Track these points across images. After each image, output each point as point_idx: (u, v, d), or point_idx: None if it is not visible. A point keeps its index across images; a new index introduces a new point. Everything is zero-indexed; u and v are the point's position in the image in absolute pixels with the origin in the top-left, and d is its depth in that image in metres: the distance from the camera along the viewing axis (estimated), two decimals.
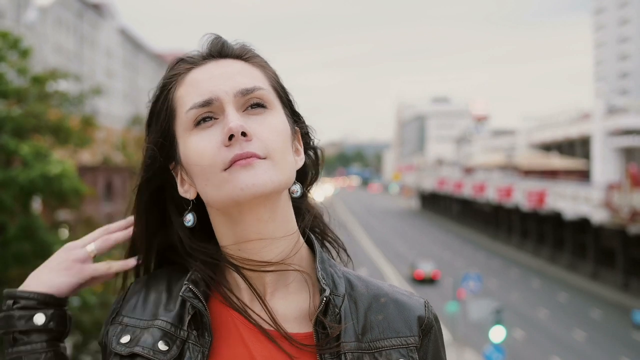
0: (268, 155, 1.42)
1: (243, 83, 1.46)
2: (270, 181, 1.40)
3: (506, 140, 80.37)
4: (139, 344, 1.46)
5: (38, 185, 13.82)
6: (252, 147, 1.41)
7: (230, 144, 1.40)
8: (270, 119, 1.46)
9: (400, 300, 1.55)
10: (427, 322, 1.53)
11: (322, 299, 1.45)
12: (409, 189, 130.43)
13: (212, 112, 1.44)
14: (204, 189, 1.45)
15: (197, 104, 1.44)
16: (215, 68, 1.49)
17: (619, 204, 39.59)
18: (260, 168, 1.40)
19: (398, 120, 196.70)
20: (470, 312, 26.97)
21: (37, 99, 16.51)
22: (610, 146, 48.46)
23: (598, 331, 35.12)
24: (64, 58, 55.44)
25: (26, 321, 1.53)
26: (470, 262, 53.90)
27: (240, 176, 1.39)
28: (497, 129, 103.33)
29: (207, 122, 1.44)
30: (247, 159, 1.39)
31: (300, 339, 1.45)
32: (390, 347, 1.48)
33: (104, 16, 67.37)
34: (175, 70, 1.52)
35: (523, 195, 53.84)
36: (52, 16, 54.63)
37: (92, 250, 1.65)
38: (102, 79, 63.03)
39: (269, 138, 1.43)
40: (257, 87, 1.47)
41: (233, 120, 1.40)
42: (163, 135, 1.51)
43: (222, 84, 1.45)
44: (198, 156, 1.43)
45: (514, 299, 41.90)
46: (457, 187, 76.37)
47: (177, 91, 1.49)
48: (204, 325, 1.45)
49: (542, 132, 66.53)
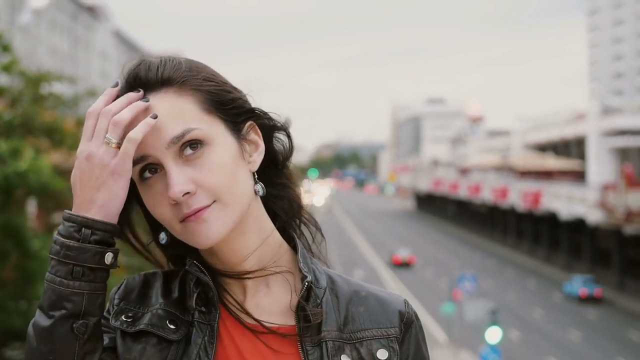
0: (216, 198, 1.41)
1: (172, 130, 1.40)
2: (223, 227, 1.42)
3: (501, 141, 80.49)
4: (144, 322, 1.47)
5: (13, 182, 13.73)
6: (198, 201, 1.40)
7: (175, 203, 1.40)
8: (210, 156, 1.42)
9: (380, 295, 1.57)
10: (408, 317, 1.55)
11: (304, 285, 1.48)
12: (405, 190, 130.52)
13: (152, 164, 1.42)
14: (171, 230, 1.46)
15: (135, 161, 1.41)
16: (148, 110, 1.42)
17: (614, 204, 39.65)
18: (211, 217, 1.41)
19: (393, 121, 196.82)
20: (466, 313, 26.96)
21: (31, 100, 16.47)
22: (605, 146, 48.55)
23: (594, 331, 35.16)
24: (58, 60, 55.39)
25: (99, 258, 1.39)
26: (466, 263, 53.93)
27: (195, 230, 1.41)
28: (492, 130, 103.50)
29: (153, 175, 1.42)
30: (195, 214, 1.40)
31: (283, 331, 1.47)
32: (371, 337, 1.50)
33: (98, 18, 67.34)
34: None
35: (518, 196, 53.91)
36: (47, 18, 54.58)
37: (114, 142, 1.41)
38: (97, 80, 62.98)
39: (212, 181, 1.41)
40: (187, 129, 1.41)
41: (173, 185, 1.38)
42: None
43: (152, 137, 1.40)
44: (155, 213, 1.44)
45: (510, 299, 41.94)
46: (453, 188, 76.45)
47: None
48: (210, 300, 1.47)
49: (538, 133, 66.63)
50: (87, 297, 1.37)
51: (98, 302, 1.39)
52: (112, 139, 1.40)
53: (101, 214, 1.39)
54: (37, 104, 16.64)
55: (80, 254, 1.37)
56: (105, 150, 1.40)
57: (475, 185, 66.76)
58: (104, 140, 1.40)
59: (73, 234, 1.38)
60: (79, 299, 1.37)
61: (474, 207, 74.81)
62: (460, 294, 31.09)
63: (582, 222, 45.24)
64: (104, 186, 1.39)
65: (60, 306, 1.36)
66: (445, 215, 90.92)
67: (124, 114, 1.41)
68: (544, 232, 55.74)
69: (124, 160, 1.39)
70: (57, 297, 1.37)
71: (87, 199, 1.40)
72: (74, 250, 1.37)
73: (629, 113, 48.85)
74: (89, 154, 1.40)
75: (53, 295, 1.37)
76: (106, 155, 1.40)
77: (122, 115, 1.41)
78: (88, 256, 1.37)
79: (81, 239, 1.37)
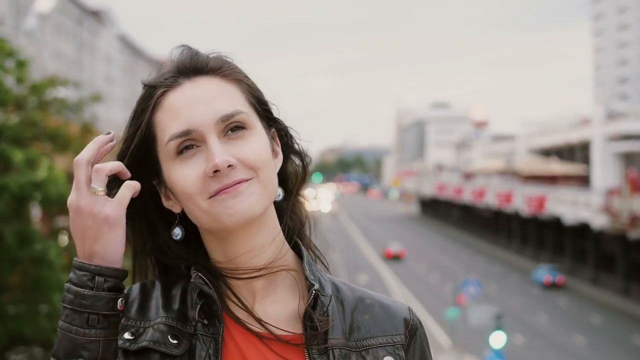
0: (255, 174, 1.44)
1: (223, 109, 1.45)
2: (256, 203, 1.44)
3: (506, 145, 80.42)
4: (146, 338, 1.46)
5: (28, 191, 13.79)
6: (238, 174, 1.43)
7: (215, 175, 1.42)
8: (252, 140, 1.46)
9: (385, 302, 1.58)
10: (413, 324, 1.56)
11: (311, 293, 1.48)
12: (409, 194, 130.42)
13: (192, 139, 1.44)
14: (190, 212, 1.47)
15: (176, 135, 1.44)
16: (192, 91, 1.47)
17: (619, 209, 39.57)
18: (247, 191, 1.43)
19: (398, 125, 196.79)
20: (471, 318, 26.96)
21: (36, 106, 16.51)
22: (610, 151, 48.48)
23: (598, 336, 35.09)
24: (63, 64, 55.50)
25: (113, 305, 1.40)
26: (470, 268, 53.88)
27: (227, 202, 1.42)
28: (496, 135, 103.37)
29: (189, 150, 1.44)
30: (233, 186, 1.42)
31: (290, 339, 1.47)
32: (377, 345, 1.51)
33: (103, 23, 67.47)
34: (151, 92, 1.50)
35: (523, 201, 53.83)
36: (52, 23, 54.70)
37: (101, 190, 1.42)
38: (102, 85, 63.09)
39: (252, 159, 1.44)
40: (237, 111, 1.46)
41: (218, 155, 1.41)
42: (144, 157, 1.50)
43: (201, 112, 1.44)
44: (183, 185, 1.44)
45: (514, 304, 41.87)
46: (457, 193, 76.38)
47: (155, 115, 1.48)
48: (214, 313, 1.47)
49: (542, 138, 66.58)
50: (102, 344, 1.39)
51: (112, 347, 1.41)
52: (97, 187, 1.42)
53: (105, 263, 1.41)
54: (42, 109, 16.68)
55: (95, 302, 1.39)
56: (91, 199, 1.41)
57: (480, 189, 66.70)
58: (87, 190, 1.42)
59: (87, 282, 1.39)
60: (94, 346, 1.38)
61: (478, 212, 74.71)
62: (464, 299, 31.07)
63: (587, 226, 45.16)
64: (100, 237, 1.41)
65: (77, 354, 1.38)
66: (449, 219, 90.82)
67: (109, 165, 1.44)
68: (549, 237, 55.64)
69: (119, 208, 1.42)
70: (74, 346, 1.38)
71: (88, 249, 1.42)
72: (88, 299, 1.38)
73: (634, 118, 48.79)
74: (77, 207, 1.42)
75: (69, 344, 1.38)
76: (94, 204, 1.41)
77: (107, 165, 1.43)
78: (102, 304, 1.39)
79: (95, 287, 1.39)
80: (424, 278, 51.78)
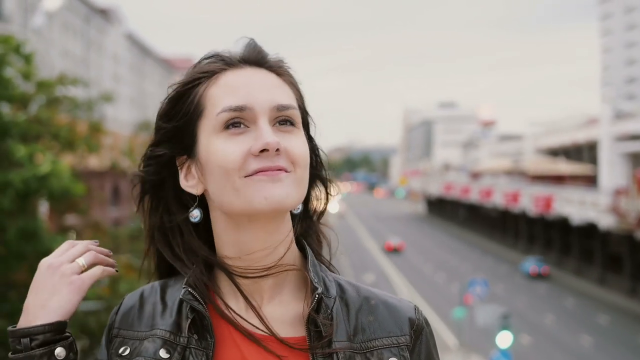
0: (295, 169, 1.44)
1: (280, 99, 1.47)
2: (291, 195, 1.43)
3: (513, 145, 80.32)
4: (139, 354, 1.47)
5: (32, 186, 13.81)
6: (281, 161, 1.43)
7: (259, 155, 1.42)
8: (298, 137, 1.47)
9: (390, 302, 1.56)
10: (418, 324, 1.54)
11: (314, 297, 1.47)
12: (416, 194, 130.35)
13: (243, 118, 1.44)
14: (219, 190, 1.45)
15: (231, 108, 1.44)
16: (253, 75, 1.49)
17: (626, 209, 39.49)
18: (286, 181, 1.42)
19: (404, 125, 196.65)
20: (477, 318, 26.93)
21: (45, 104, 16.53)
22: (618, 151, 48.37)
23: (605, 337, 35.03)
24: (71, 63, 55.59)
25: (49, 357, 1.42)
26: (476, 267, 53.83)
27: (265, 185, 1.41)
28: (504, 134, 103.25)
29: (237, 128, 1.44)
30: (276, 170, 1.42)
31: (293, 342, 1.46)
32: (382, 346, 1.50)
33: (111, 21, 67.55)
34: (209, 67, 1.51)
35: (530, 201, 53.75)
36: (60, 21, 54.79)
37: (83, 264, 1.51)
38: (109, 83, 63.18)
39: (296, 154, 1.45)
40: (292, 105, 1.48)
41: (269, 135, 1.42)
42: (183, 127, 1.50)
43: (259, 94, 1.46)
44: (223, 158, 1.43)
45: (521, 304, 41.83)
46: (464, 192, 76.32)
47: (210, 89, 1.48)
48: (205, 327, 1.46)
49: (549, 137, 66.48)
50: None
51: None
52: (83, 261, 1.50)
53: (49, 317, 1.44)
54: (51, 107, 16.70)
55: None
56: (71, 266, 1.49)
57: (487, 189, 66.62)
58: (73, 259, 1.50)
59: (16, 347, 1.43)
60: None
61: (485, 212, 74.63)
62: (471, 299, 31.06)
63: (594, 227, 45.08)
64: (59, 294, 1.47)
65: None
66: (456, 219, 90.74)
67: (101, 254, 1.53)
68: (556, 237, 55.55)
69: (88, 280, 1.50)
70: None
71: (39, 303, 1.46)
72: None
73: None
74: (50, 264, 1.49)
75: None
76: (70, 269, 1.48)
77: (101, 252, 1.53)
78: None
79: (23, 348, 1.42)
80: (430, 278, 51.75)
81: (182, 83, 1.52)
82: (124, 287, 18.62)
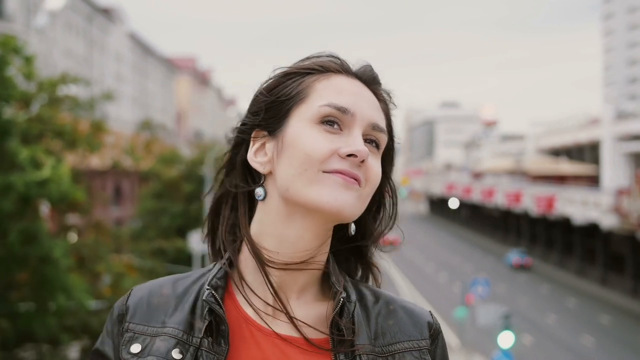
0: (364, 186, 1.46)
1: (380, 120, 1.51)
2: (354, 207, 1.44)
3: (515, 145, 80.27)
4: (151, 353, 1.45)
5: (33, 190, 13.79)
6: (360, 173, 1.44)
7: (345, 158, 1.43)
8: (377, 160, 1.50)
9: (408, 307, 1.58)
10: (436, 328, 1.57)
11: (339, 300, 1.47)
12: (418, 193, 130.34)
13: (341, 121, 1.46)
14: (292, 175, 1.45)
15: (336, 106, 1.45)
16: (362, 89, 1.52)
17: (629, 209, 39.47)
18: (355, 193, 1.44)
19: (407, 124, 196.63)
20: (479, 318, 26.90)
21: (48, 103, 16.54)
22: (620, 151, 48.34)
23: (607, 337, 35.01)
24: (73, 62, 55.61)
25: None
26: (478, 267, 53.81)
27: (339, 187, 1.42)
28: (506, 134, 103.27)
29: (331, 126, 1.45)
30: (351, 178, 1.43)
31: (317, 342, 1.47)
32: (403, 350, 1.51)
33: (113, 21, 67.57)
34: (326, 63, 1.53)
35: (532, 201, 53.74)
36: (62, 20, 54.82)
37: None
38: (112, 83, 63.21)
39: (372, 174, 1.47)
40: (384, 130, 1.52)
41: (362, 144, 1.44)
42: (280, 105, 1.50)
43: (363, 106, 1.49)
44: (312, 146, 1.44)
45: (523, 304, 41.81)
46: (466, 192, 76.29)
47: (320, 82, 1.50)
48: (221, 333, 1.45)
49: (551, 137, 66.45)
50: None
51: None
52: None
53: None
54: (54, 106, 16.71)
55: None
56: None
57: (489, 189, 66.61)
58: None
59: None
60: None
61: (487, 211, 74.61)
62: (472, 298, 31.03)
63: (596, 227, 45.06)
64: None
65: None
66: (458, 219, 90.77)
67: None
68: (558, 237, 55.54)
69: None
70: None
71: None
72: None
73: None
74: None
75: None
76: None
77: None
78: None
79: None
80: (432, 277, 51.74)
81: (295, 66, 1.54)
82: (126, 286, 18.62)
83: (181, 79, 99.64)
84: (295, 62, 1.56)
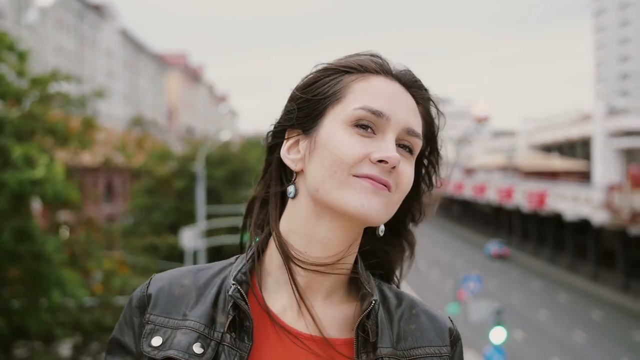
0: (394, 192, 1.44)
1: (414, 124, 1.48)
2: (382, 213, 1.43)
3: (507, 141, 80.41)
4: (172, 346, 1.43)
5: (26, 188, 13.75)
6: (391, 179, 1.43)
7: (376, 164, 1.42)
8: (409, 166, 1.48)
9: (430, 312, 1.58)
10: (456, 334, 1.57)
11: (371, 302, 1.47)
12: None
13: (374, 124, 1.44)
14: (322, 176, 1.44)
15: (370, 109, 1.44)
16: (400, 92, 1.49)
17: (620, 205, 39.59)
18: (384, 199, 1.42)
19: None
20: (471, 313, 26.95)
21: (39, 100, 16.48)
22: (611, 147, 48.46)
23: (598, 332, 35.12)
24: (64, 59, 55.47)
25: None
26: (470, 263, 53.90)
27: (367, 193, 1.41)
28: (497, 130, 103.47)
29: (364, 129, 1.44)
30: (381, 184, 1.41)
31: (339, 344, 1.46)
32: (425, 355, 1.51)
33: (104, 17, 67.40)
34: (366, 63, 1.51)
35: (523, 196, 53.84)
36: (53, 17, 54.66)
37: None
38: (103, 80, 63.05)
39: (403, 180, 1.45)
40: (420, 135, 1.49)
41: (394, 150, 1.42)
42: (316, 104, 1.49)
43: (399, 110, 1.46)
44: (344, 149, 1.42)
45: (514, 300, 41.90)
46: (458, 188, 76.37)
47: (357, 82, 1.48)
48: (245, 329, 1.44)
49: (543, 133, 66.56)
50: None
51: None
52: None
53: None
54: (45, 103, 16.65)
55: None
56: None
57: (480, 185, 66.71)
58: None
59: None
60: None
61: (479, 208, 74.73)
62: (464, 294, 31.11)
63: (587, 222, 45.19)
64: None
65: None
66: (450, 215, 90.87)
67: None
68: (549, 233, 55.66)
69: None
70: None
71: None
72: None
73: (635, 114, 48.70)
74: None
75: None
76: None
77: None
78: None
79: None
80: (424, 274, 51.76)
81: (336, 63, 1.52)
82: (117, 283, 18.58)
83: (172, 76, 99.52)
84: (336, 58, 1.55)
